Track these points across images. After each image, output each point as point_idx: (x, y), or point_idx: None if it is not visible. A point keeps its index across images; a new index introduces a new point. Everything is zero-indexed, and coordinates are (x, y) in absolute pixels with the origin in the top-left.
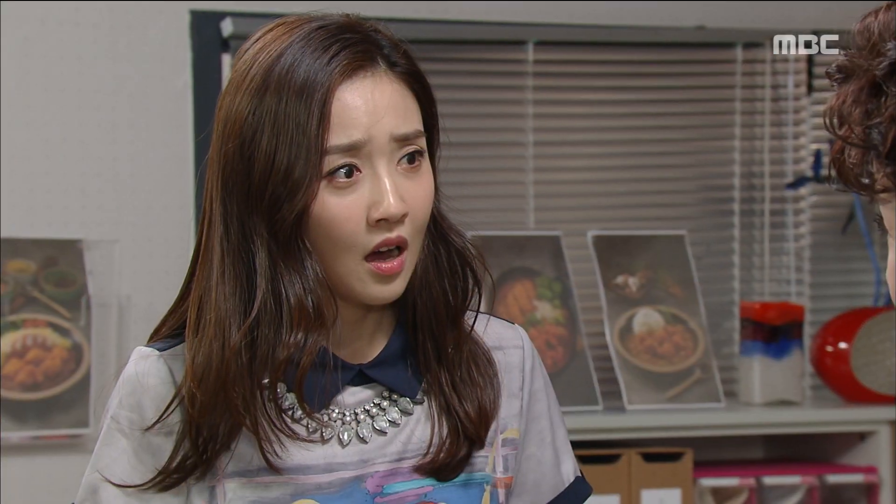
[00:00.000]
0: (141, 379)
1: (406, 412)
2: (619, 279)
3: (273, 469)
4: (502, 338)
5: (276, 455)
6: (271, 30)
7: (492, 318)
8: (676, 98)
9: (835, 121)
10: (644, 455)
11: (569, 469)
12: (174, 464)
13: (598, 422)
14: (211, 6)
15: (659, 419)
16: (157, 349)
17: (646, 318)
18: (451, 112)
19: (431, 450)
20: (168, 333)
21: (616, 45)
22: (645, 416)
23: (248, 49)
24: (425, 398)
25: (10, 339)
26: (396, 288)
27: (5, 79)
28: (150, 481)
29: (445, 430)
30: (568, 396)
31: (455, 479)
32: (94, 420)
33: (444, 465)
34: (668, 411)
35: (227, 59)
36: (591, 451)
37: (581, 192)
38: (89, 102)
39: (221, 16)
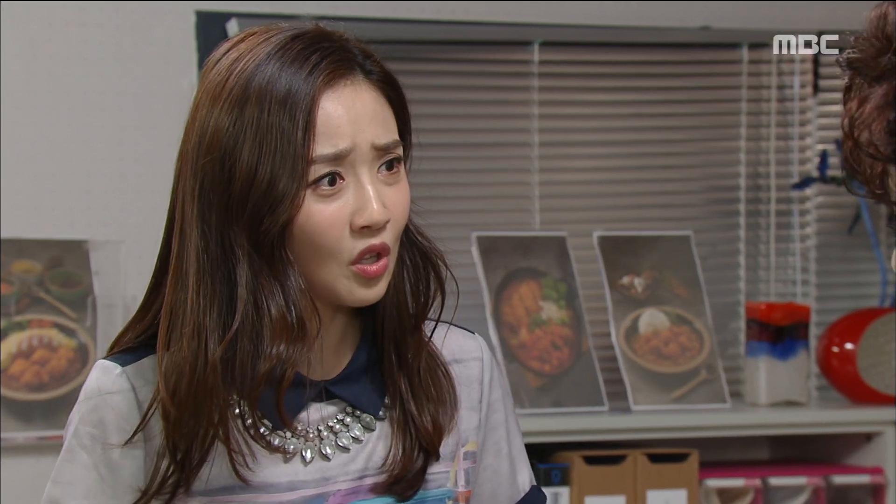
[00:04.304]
0: (103, 394)
1: (369, 428)
2: (625, 280)
3: (244, 482)
4: (462, 349)
5: (248, 468)
6: (242, 40)
7: (451, 327)
8: (682, 98)
9: (853, 126)
10: (650, 456)
11: (524, 479)
12: (155, 485)
13: (604, 422)
14: (216, 7)
15: (664, 420)
16: (120, 363)
17: (651, 319)
18: (457, 113)
19: (388, 465)
20: (131, 345)
21: (621, 46)
22: (650, 416)
23: (220, 60)
24: (388, 414)
25: (16, 340)
26: (380, 290)
27: (11, 79)
28: None
29: (402, 442)
30: (573, 397)
31: (414, 498)
32: None
33: (401, 479)
34: (673, 412)
35: None
36: (597, 452)
37: (586, 192)
38: (95, 103)
39: (227, 16)
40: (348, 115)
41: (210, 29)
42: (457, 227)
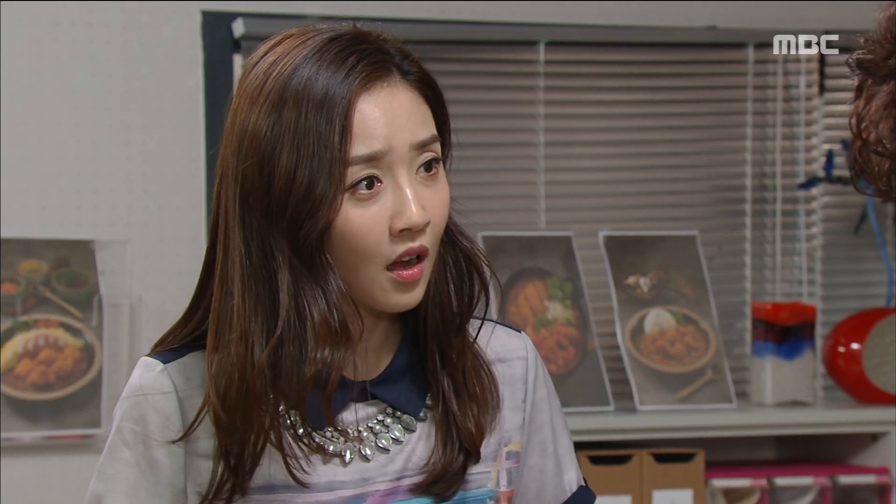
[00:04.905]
0: (144, 391)
1: (409, 429)
2: (631, 279)
3: (300, 484)
4: (507, 349)
5: (304, 471)
6: (280, 42)
7: (497, 325)
8: (688, 98)
9: (861, 126)
10: (656, 456)
11: (572, 478)
12: (213, 491)
13: (610, 422)
14: (222, 7)
15: (670, 420)
16: (162, 361)
17: (657, 319)
18: (462, 112)
19: (429, 466)
20: (174, 345)
21: (627, 46)
22: (656, 416)
23: (258, 63)
24: (429, 414)
25: (22, 340)
26: (417, 295)
27: (17, 79)
28: None
29: (443, 442)
30: (579, 397)
31: (453, 498)
32: (106, 420)
33: (440, 478)
34: (679, 412)
35: (238, 60)
36: (603, 452)
37: (592, 192)
38: (101, 103)
39: (233, 16)
40: (385, 116)
41: (216, 29)
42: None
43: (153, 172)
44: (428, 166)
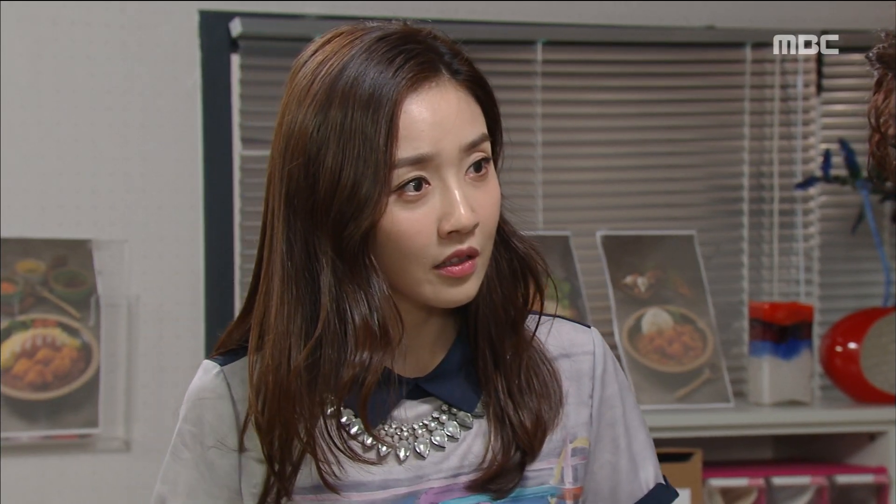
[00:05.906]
0: (201, 394)
1: (465, 426)
2: (628, 279)
3: (330, 488)
4: (572, 343)
5: (335, 476)
6: (329, 41)
7: (561, 321)
8: (686, 98)
9: (880, 120)
10: None
11: (649, 475)
12: (263, 494)
13: None
14: (220, 6)
15: (668, 419)
16: (220, 363)
17: (655, 319)
18: None
19: (486, 463)
20: (233, 346)
21: (625, 45)
22: (654, 416)
23: (307, 62)
24: (486, 411)
25: (20, 339)
26: (469, 289)
27: (16, 78)
28: None
29: (499, 440)
30: None
31: (511, 495)
32: (103, 420)
33: (496, 476)
34: (677, 411)
35: (235, 59)
36: None
37: (590, 192)
38: (99, 102)
39: (230, 16)
40: (433, 118)
41: (213, 28)
42: None
43: (151, 172)
44: (477, 166)
